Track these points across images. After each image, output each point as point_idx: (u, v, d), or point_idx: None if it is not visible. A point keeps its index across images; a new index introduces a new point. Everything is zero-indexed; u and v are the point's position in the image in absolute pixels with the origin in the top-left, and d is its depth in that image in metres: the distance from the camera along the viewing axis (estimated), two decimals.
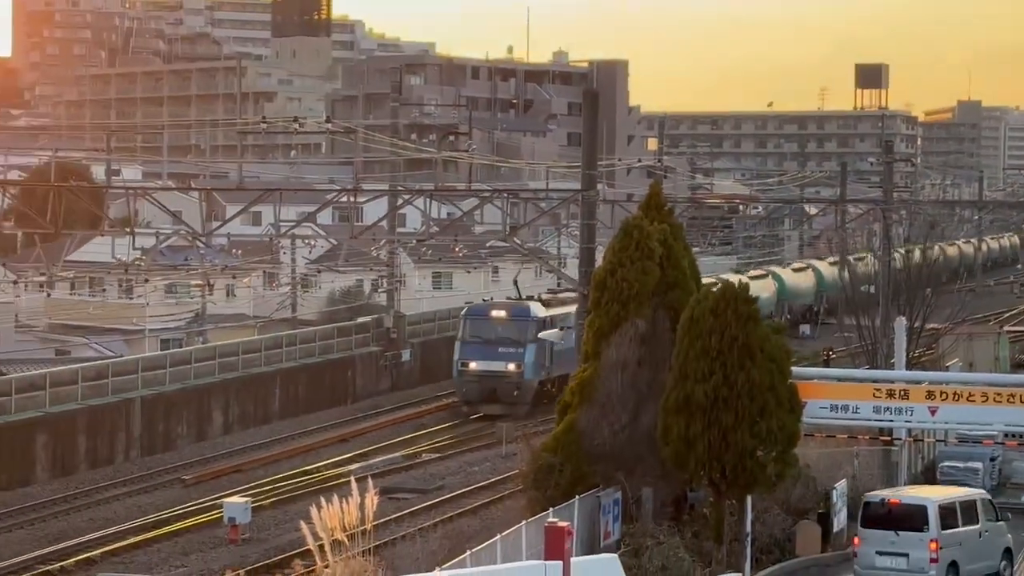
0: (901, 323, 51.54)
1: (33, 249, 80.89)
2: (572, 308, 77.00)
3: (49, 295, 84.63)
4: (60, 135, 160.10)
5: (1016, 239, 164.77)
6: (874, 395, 41.04)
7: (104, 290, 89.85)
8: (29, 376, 62.70)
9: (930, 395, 40.79)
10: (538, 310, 73.64)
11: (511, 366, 72.02)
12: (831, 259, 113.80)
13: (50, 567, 45.85)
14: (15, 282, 79.61)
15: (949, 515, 38.02)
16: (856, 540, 38.70)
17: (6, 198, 62.16)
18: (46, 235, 71.27)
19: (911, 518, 37.83)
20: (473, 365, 72.37)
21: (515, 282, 79.99)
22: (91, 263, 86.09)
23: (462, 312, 76.26)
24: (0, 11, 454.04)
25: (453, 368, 73.76)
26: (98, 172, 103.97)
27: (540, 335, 75.13)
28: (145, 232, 73.39)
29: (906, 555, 37.46)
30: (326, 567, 33.07)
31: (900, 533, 37.63)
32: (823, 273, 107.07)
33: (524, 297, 76.25)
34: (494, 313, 73.79)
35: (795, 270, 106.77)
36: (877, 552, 37.73)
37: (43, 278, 78.86)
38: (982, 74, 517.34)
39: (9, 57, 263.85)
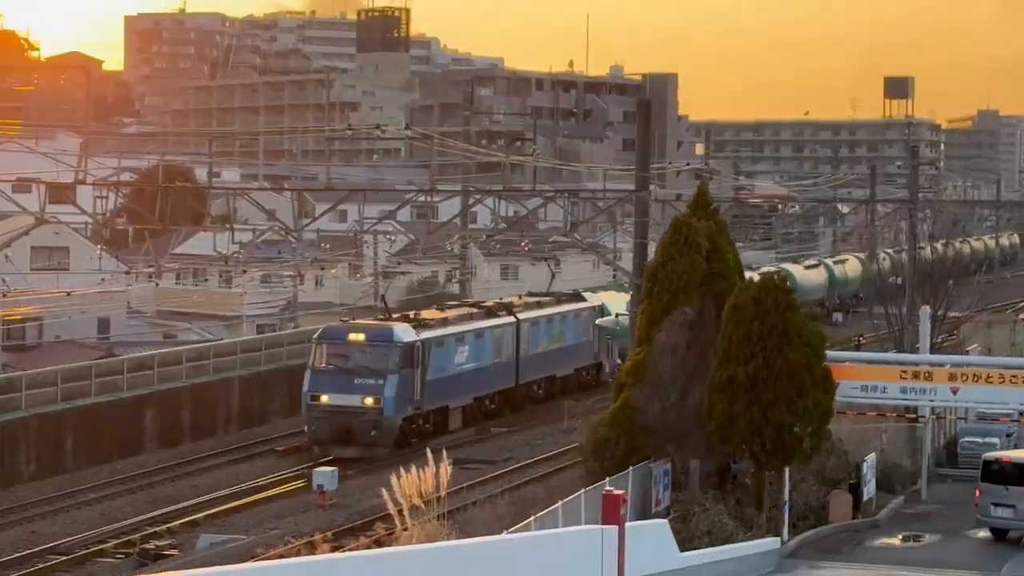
0: (925, 311, 51.29)
1: (143, 243, 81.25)
2: (476, 325, 62.73)
3: (157, 285, 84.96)
4: (167, 141, 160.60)
5: (1016, 237, 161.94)
6: (901, 377, 40.97)
7: (206, 280, 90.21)
8: (139, 357, 63.09)
9: (952, 377, 40.70)
10: (404, 334, 56.73)
11: (368, 400, 55.40)
12: (838, 258, 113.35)
13: (158, 528, 46.10)
14: (127, 273, 80.00)
15: None
16: (977, 492, 39.70)
17: (119, 198, 62.54)
18: (154, 230, 71.67)
19: (1019, 474, 38.92)
20: (325, 398, 55.85)
21: (382, 298, 66.67)
22: (195, 256, 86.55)
23: (314, 335, 59.59)
24: (115, 30, 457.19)
25: (302, 402, 57.48)
26: (201, 174, 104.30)
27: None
28: (243, 228, 73.93)
29: (1014, 506, 38.69)
30: (405, 530, 33.16)
31: (1009, 487, 38.73)
32: (834, 270, 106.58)
33: (393, 316, 61.03)
34: (351, 337, 56.94)
35: (807, 267, 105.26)
36: (992, 503, 39.06)
37: (152, 269, 79.15)
38: (1000, 85, 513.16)
39: (122, 71, 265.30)
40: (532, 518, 31.22)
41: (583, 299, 72.56)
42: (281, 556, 34.71)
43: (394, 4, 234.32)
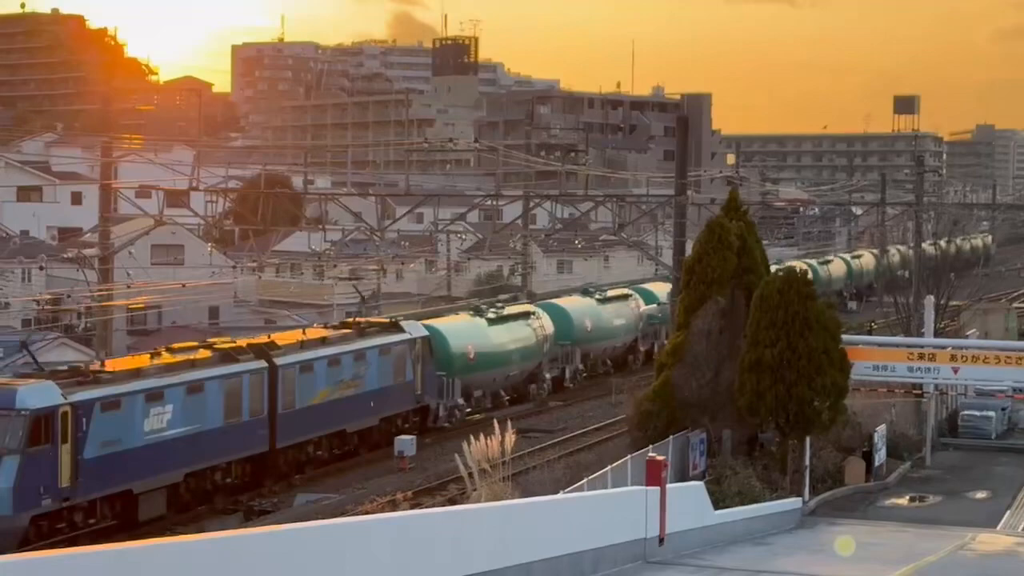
0: (930, 300, 50.94)
1: (247, 241, 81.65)
2: (187, 377, 40.77)
3: (259, 277, 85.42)
4: (268, 153, 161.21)
5: (989, 238, 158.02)
6: (908, 358, 40.69)
7: (302, 273, 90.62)
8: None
9: (953, 358, 40.39)
10: (37, 396, 35.59)
11: None
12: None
13: (261, 489, 46.33)
14: (233, 267, 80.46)
15: None
16: None
17: (227, 202, 62.81)
18: (257, 230, 71.92)
19: None
20: None
21: (24, 344, 42.85)
22: (291, 252, 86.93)
23: None
24: (223, 57, 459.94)
25: None
26: (297, 182, 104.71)
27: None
28: (333, 228, 74.09)
29: None
30: (475, 490, 33.21)
31: None
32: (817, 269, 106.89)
33: (44, 370, 39.13)
34: None
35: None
36: None
37: (254, 264, 79.53)
38: (996, 103, 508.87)
39: (229, 93, 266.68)
40: (585, 480, 31.22)
41: (400, 330, 52.46)
42: (367, 512, 34.83)
43: (465, 34, 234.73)
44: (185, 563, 15.55)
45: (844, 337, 39.42)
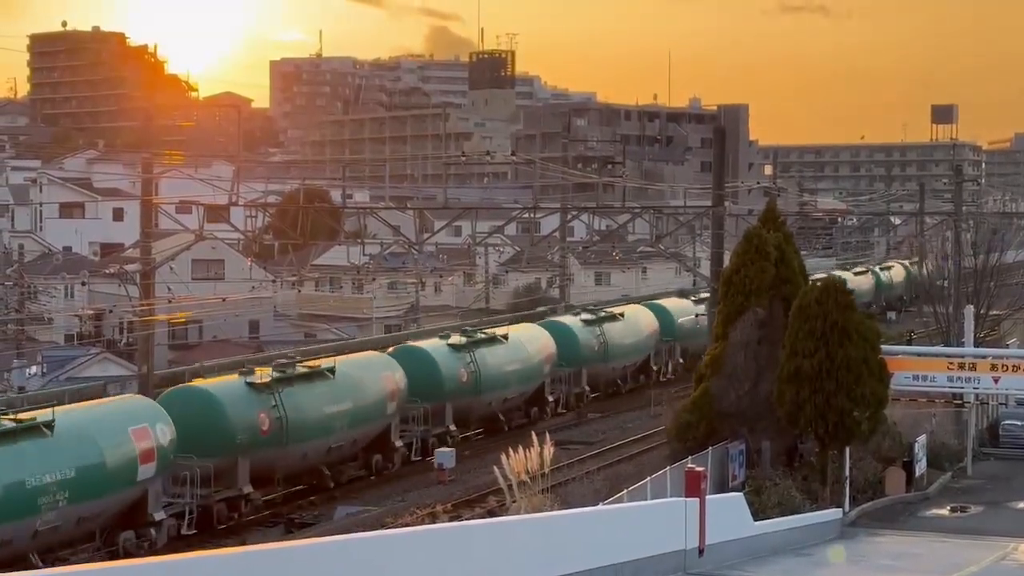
0: (969, 310, 50.65)
1: (286, 255, 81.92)
2: None
3: (299, 291, 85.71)
4: (306, 167, 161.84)
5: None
6: (948, 367, 40.43)
7: (341, 287, 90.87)
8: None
9: (994, 367, 40.12)
10: None
11: None
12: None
13: (300, 502, 46.45)
14: (273, 281, 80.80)
15: None
16: None
17: (266, 217, 62.99)
18: (296, 245, 72.09)
19: None
20: None
21: None
22: (331, 266, 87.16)
23: None
24: (261, 73, 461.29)
25: None
26: (335, 196, 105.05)
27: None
28: (372, 242, 74.22)
29: None
30: (514, 502, 33.21)
31: None
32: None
33: None
34: None
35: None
36: None
37: (294, 278, 79.83)
38: None
39: (268, 108, 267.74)
40: (625, 491, 31.16)
41: None
42: (407, 525, 34.86)
43: (501, 47, 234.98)
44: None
45: (883, 347, 39.23)
